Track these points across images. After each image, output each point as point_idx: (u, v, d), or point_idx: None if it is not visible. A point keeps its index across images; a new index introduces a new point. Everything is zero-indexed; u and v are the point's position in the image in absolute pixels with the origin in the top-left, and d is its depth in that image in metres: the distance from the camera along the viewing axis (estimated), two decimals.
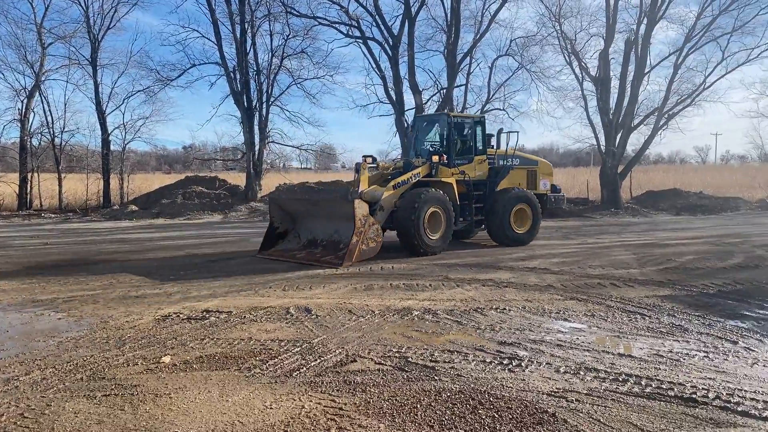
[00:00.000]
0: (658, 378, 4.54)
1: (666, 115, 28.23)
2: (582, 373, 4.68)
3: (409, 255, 11.72)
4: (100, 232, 18.02)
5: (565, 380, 4.52)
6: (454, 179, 12.78)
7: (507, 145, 13.94)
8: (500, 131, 14.03)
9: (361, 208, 10.94)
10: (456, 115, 13.84)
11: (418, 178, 12.32)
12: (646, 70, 27.80)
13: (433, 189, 12.11)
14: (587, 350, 5.31)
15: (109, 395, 4.23)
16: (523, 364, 4.90)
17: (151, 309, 7.04)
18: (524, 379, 4.53)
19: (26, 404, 4.05)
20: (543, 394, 4.23)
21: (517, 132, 14.00)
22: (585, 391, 4.27)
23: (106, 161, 27.53)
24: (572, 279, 9.01)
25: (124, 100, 28.50)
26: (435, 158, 12.59)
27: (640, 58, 27.14)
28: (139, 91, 28.57)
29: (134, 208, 25.12)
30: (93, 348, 5.42)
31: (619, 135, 27.80)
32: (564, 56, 29.12)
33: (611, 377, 4.58)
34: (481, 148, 13.72)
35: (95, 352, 5.29)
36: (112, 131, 28.23)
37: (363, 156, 12.62)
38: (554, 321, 6.41)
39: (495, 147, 14.14)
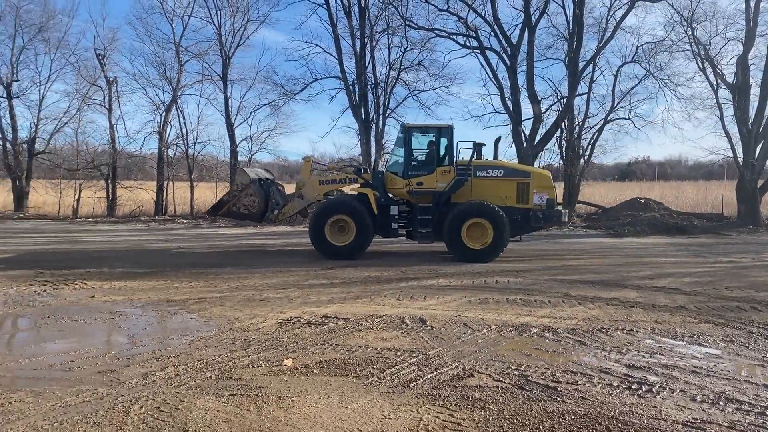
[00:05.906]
0: None
1: None
2: (722, 403, 4.30)
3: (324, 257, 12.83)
4: (227, 237, 19.08)
5: (703, 410, 4.17)
6: (370, 191, 13.26)
7: (483, 156, 13.91)
8: (497, 140, 14.55)
9: (241, 177, 13.94)
10: (413, 126, 13.63)
11: (348, 184, 13.92)
12: None
13: (348, 199, 13.46)
14: (726, 379, 4.88)
15: (235, 395, 4.42)
16: (654, 390, 4.58)
17: (274, 312, 7.32)
18: (656, 407, 4.23)
19: (162, 398, 4.32)
20: (678, 423, 3.93)
21: (483, 144, 13.72)
22: (726, 424, 3.92)
23: (233, 171, 29.09)
24: (707, 301, 8.35)
25: (251, 113, 30.01)
26: (349, 169, 14.22)
27: None
28: (265, 104, 30.01)
29: None
30: (221, 348, 5.70)
31: (759, 146, 25.56)
32: (696, 63, 27.26)
33: (756, 410, 4.17)
34: (445, 158, 13.44)
35: (223, 352, 5.56)
36: (239, 143, 29.73)
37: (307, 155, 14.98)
38: (688, 345, 5.96)
39: (492, 157, 14.21)
